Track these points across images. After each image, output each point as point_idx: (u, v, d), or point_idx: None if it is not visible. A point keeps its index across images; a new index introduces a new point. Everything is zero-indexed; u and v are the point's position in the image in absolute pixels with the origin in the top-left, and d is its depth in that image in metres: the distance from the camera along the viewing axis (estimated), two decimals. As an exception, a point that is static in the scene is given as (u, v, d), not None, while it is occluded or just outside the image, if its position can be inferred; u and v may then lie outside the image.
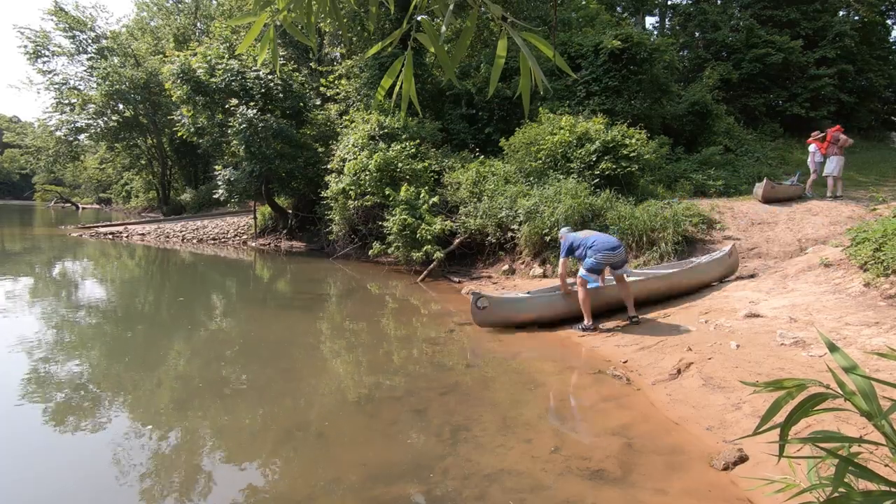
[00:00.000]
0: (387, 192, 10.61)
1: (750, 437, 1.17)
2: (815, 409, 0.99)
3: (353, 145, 11.67)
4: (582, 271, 5.64)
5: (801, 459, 1.46)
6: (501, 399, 4.15)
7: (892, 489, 0.95)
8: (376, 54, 12.52)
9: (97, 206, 44.11)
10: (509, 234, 9.51)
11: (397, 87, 1.39)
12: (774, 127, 18.67)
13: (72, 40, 25.86)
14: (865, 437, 1.04)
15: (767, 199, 9.56)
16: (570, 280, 6.03)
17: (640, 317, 5.77)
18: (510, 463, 3.09)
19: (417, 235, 9.86)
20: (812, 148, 10.82)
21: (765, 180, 9.73)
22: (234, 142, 13.53)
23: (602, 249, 5.51)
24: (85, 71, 26.24)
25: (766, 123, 18.79)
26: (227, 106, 13.88)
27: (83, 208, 42.23)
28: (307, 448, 3.32)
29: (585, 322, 5.71)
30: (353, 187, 11.17)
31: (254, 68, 14.02)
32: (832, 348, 1.05)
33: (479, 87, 13.71)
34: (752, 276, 6.83)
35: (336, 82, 15.73)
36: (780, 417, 1.08)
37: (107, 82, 23.47)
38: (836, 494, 0.98)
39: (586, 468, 3.06)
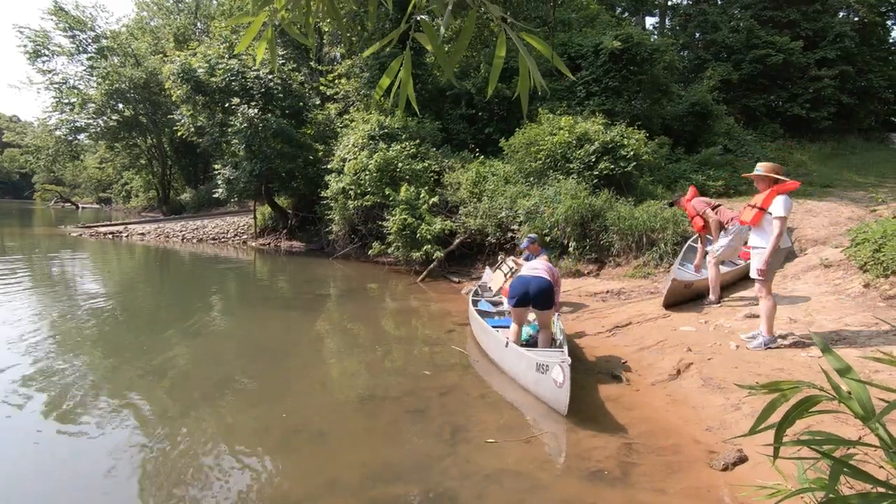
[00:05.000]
0: (387, 192, 10.62)
1: (745, 436, 1.18)
2: (810, 411, 1.00)
3: (353, 145, 11.68)
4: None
5: (797, 461, 1.46)
6: (501, 399, 4.16)
7: (888, 490, 0.96)
8: (376, 54, 12.50)
9: (97, 206, 44.08)
10: (509, 234, 9.51)
11: (395, 88, 1.38)
12: (775, 128, 18.64)
13: (72, 40, 25.80)
14: (862, 439, 1.05)
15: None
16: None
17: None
18: (510, 463, 3.09)
19: (417, 235, 9.87)
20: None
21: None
22: (235, 141, 13.53)
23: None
24: (85, 70, 26.21)
25: (767, 124, 18.77)
26: (226, 105, 13.89)
27: (83, 208, 42.22)
28: (307, 447, 3.32)
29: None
30: (352, 187, 11.18)
31: (253, 68, 14.03)
32: (825, 349, 1.05)
33: (479, 86, 13.69)
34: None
35: (336, 82, 15.73)
36: (775, 418, 1.09)
37: (107, 82, 23.47)
38: (828, 498, 0.98)
39: (585, 468, 3.07)
